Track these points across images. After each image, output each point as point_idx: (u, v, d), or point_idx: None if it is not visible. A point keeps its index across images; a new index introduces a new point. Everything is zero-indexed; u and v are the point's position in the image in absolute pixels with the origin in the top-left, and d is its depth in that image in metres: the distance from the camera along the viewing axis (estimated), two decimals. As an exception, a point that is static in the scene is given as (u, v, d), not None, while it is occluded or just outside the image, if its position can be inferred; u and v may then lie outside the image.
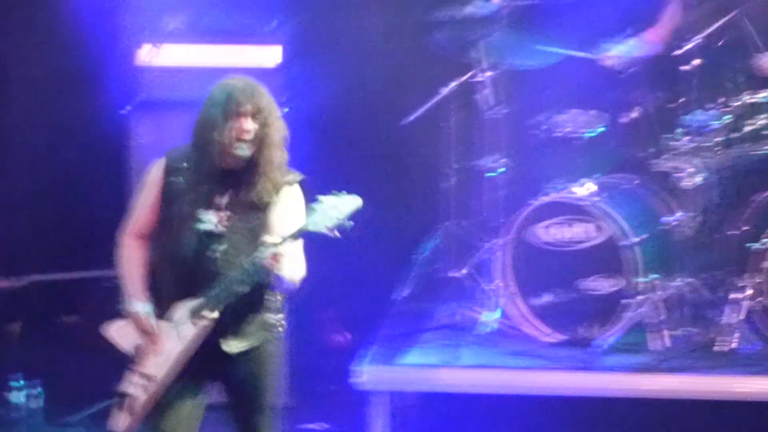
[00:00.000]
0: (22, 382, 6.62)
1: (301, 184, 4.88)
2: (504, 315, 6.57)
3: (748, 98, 6.30)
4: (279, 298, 4.87)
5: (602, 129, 6.66)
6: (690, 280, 6.31)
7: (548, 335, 6.36)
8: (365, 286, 6.82)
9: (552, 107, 6.69)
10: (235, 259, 4.75)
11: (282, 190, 4.84)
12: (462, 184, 6.85)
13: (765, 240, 6.13)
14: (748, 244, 6.22)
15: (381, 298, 6.92)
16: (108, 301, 6.19)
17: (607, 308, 6.26)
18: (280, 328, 4.89)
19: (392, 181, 7.32)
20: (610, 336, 6.20)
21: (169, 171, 4.84)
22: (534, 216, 6.42)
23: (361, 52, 7.06)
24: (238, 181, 4.76)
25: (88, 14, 6.74)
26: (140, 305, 4.86)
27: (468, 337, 6.50)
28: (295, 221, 4.76)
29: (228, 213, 4.79)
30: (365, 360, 6.11)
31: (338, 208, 4.76)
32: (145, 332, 4.84)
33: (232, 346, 4.80)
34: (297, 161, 5.25)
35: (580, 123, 6.64)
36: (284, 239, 4.72)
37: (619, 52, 6.53)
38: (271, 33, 6.56)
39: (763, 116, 6.27)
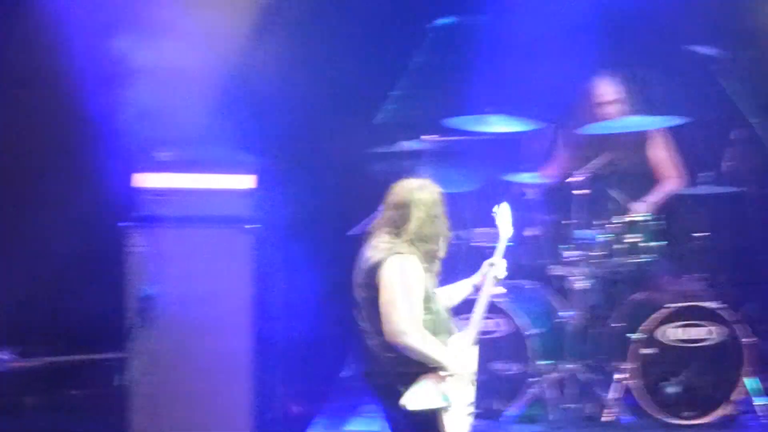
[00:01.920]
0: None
1: None
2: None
3: (622, 219, 7.34)
4: None
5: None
6: (579, 364, 7.30)
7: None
8: (320, 364, 7.65)
9: (470, 224, 7.57)
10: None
11: None
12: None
13: (638, 332, 7.17)
14: (627, 335, 7.23)
15: (330, 375, 7.84)
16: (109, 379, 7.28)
17: (507, 387, 7.23)
18: None
19: (340, 281, 7.53)
20: (510, 409, 7.21)
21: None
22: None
23: (316, 179, 7.75)
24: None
25: (92, 141, 7.49)
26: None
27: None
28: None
29: None
30: (317, 428, 7.11)
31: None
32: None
33: None
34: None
35: (491, 237, 7.30)
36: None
37: (523, 181, 7.51)
38: (246, 164, 7.21)
39: (634, 234, 7.33)
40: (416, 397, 5.52)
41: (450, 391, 5.56)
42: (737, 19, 7.68)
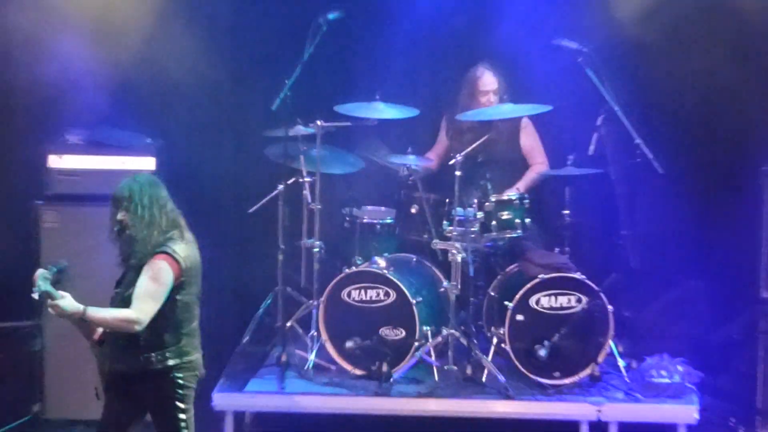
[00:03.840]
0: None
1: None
2: (320, 355, 7.80)
3: (495, 198, 7.85)
4: None
5: (390, 220, 8.11)
6: (454, 330, 7.71)
7: (352, 371, 7.74)
8: (219, 333, 7.81)
9: (353, 203, 8.08)
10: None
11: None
12: (289, 258, 7.92)
13: (514, 301, 7.66)
14: (504, 303, 7.77)
15: (231, 342, 8.27)
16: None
17: (394, 351, 7.69)
18: None
19: (239, 255, 8.46)
20: (397, 371, 7.69)
21: None
22: (343, 282, 7.85)
23: (214, 161, 8.20)
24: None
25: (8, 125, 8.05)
26: None
27: (294, 371, 7.77)
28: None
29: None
30: (218, 389, 7.52)
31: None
32: None
33: None
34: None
35: (374, 215, 8.10)
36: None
37: (405, 163, 7.89)
38: (146, 147, 7.76)
39: (506, 212, 7.84)
40: None
41: None
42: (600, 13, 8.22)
